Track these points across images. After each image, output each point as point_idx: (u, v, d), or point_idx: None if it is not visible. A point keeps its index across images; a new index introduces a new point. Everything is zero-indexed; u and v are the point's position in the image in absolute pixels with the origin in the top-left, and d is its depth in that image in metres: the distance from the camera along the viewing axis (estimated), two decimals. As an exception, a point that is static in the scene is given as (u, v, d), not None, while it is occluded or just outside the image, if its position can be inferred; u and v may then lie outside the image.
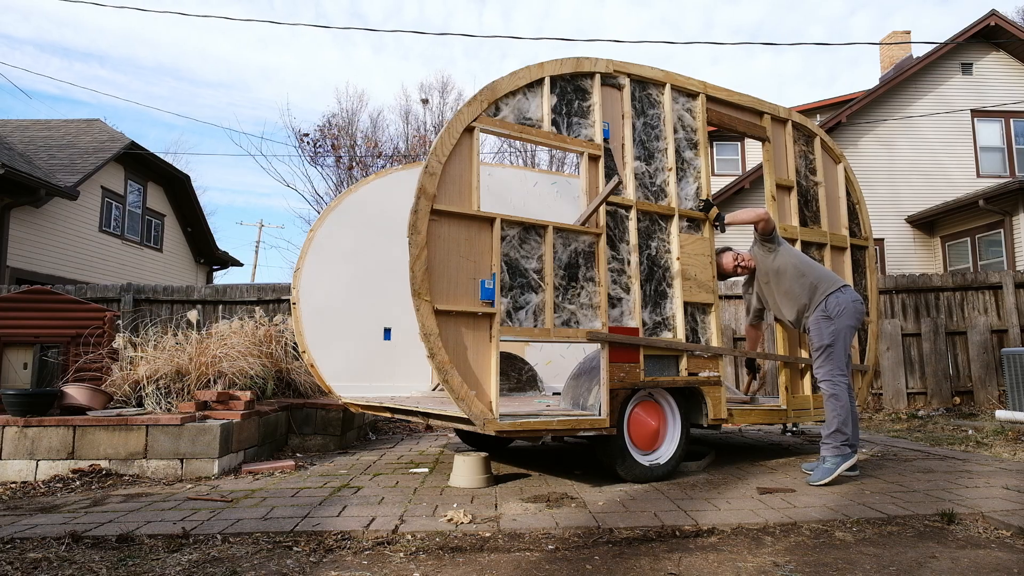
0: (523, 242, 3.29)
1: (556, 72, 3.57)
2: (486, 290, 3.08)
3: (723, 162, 15.90)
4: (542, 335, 3.24)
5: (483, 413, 2.92)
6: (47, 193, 11.07)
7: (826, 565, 2.38)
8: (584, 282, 3.44)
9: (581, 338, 3.35)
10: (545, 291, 3.28)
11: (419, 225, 2.92)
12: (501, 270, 3.17)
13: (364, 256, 4.87)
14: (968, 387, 7.67)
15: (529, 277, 3.26)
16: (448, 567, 2.39)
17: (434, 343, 2.86)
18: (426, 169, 3.00)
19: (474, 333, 3.05)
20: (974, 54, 13.50)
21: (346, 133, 21.53)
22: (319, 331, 4.51)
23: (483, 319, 3.07)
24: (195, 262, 18.05)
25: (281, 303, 7.82)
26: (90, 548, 2.62)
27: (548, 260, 3.31)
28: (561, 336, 3.27)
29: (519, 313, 3.18)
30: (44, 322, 5.28)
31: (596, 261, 3.51)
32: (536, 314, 3.24)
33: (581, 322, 3.37)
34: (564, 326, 3.30)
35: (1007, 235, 11.40)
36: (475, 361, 3.03)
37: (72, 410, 4.19)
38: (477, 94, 3.23)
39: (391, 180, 5.14)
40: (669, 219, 3.93)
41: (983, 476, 3.84)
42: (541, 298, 3.26)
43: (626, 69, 3.89)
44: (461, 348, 2.98)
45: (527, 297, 3.23)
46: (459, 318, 2.99)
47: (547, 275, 3.30)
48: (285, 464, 4.34)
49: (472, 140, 3.20)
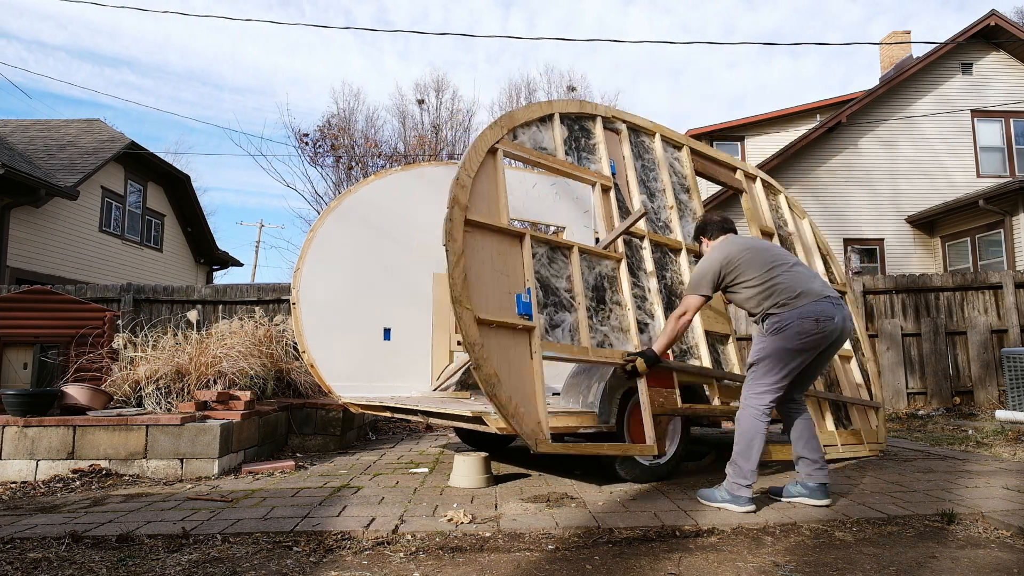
0: (551, 261, 3.27)
1: (564, 110, 3.81)
2: (523, 304, 2.98)
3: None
4: (580, 354, 3.17)
5: (534, 432, 2.79)
6: (47, 193, 11.07)
7: (826, 565, 2.38)
8: (612, 305, 3.43)
9: (618, 359, 3.29)
10: (578, 310, 3.24)
11: (455, 233, 2.86)
12: (535, 286, 3.13)
13: (364, 256, 4.87)
14: (968, 387, 7.67)
15: (561, 296, 3.21)
16: (448, 567, 2.39)
17: (479, 353, 2.72)
18: (457, 181, 3.00)
19: (515, 347, 2.93)
20: (974, 54, 13.50)
21: (345, 133, 21.53)
22: (319, 331, 4.51)
23: (522, 333, 2.96)
24: (195, 262, 18.05)
25: (281, 303, 7.82)
26: (90, 548, 2.62)
27: (577, 280, 3.29)
28: (599, 356, 3.21)
29: (555, 331, 3.11)
30: (44, 322, 5.28)
31: (619, 285, 3.54)
32: (572, 333, 3.17)
33: (614, 344, 3.32)
34: (599, 347, 3.25)
35: (1007, 235, 11.40)
36: (519, 376, 2.88)
37: (72, 410, 4.19)
38: (497, 120, 3.38)
39: (391, 180, 5.14)
40: (678, 252, 4.03)
41: (983, 476, 3.84)
42: (575, 317, 3.21)
43: (622, 116, 4.22)
44: (505, 361, 2.84)
45: (561, 316, 3.16)
46: (500, 330, 2.87)
47: (578, 295, 3.26)
48: (285, 464, 4.34)
49: (496, 160, 3.28)
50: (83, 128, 15.26)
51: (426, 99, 22.71)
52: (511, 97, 23.27)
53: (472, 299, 2.80)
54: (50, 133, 14.73)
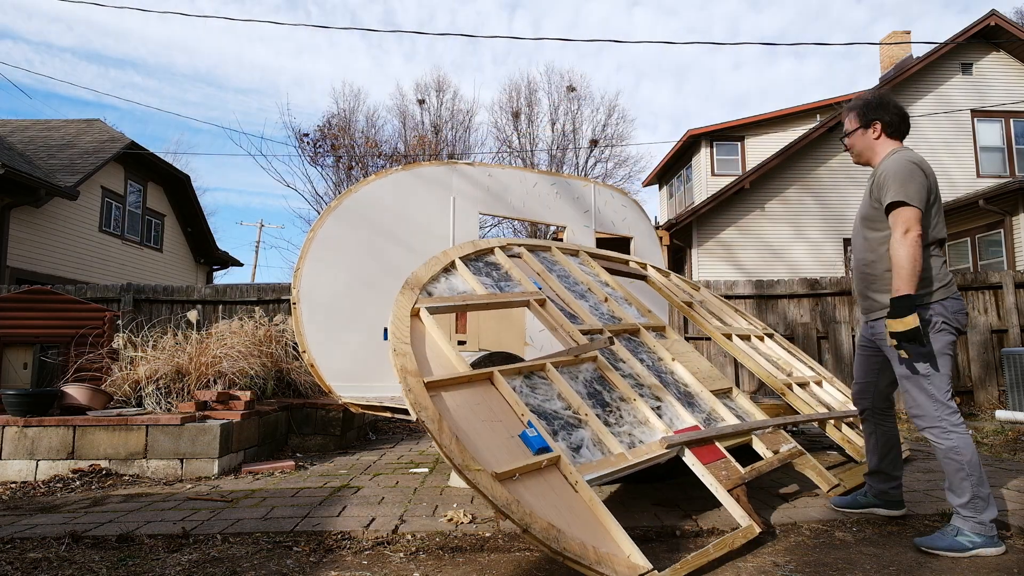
0: (533, 388, 3.05)
1: (462, 254, 3.82)
2: (532, 439, 2.65)
3: (723, 162, 15.90)
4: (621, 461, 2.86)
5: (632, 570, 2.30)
6: (47, 193, 11.08)
7: (826, 565, 2.38)
8: (617, 403, 3.20)
9: (661, 450, 2.97)
10: (589, 422, 2.97)
11: (422, 400, 2.57)
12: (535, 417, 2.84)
13: (364, 256, 4.87)
14: (968, 387, 7.67)
15: (564, 416, 2.96)
16: (448, 567, 2.39)
17: (519, 512, 2.29)
18: (395, 352, 2.81)
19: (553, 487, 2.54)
20: (974, 54, 13.51)
21: (346, 133, 21.53)
22: (319, 331, 4.51)
23: (551, 470, 2.62)
24: (195, 262, 18.05)
25: (281, 303, 7.82)
26: (90, 548, 2.62)
27: (569, 394, 3.06)
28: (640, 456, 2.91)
29: (582, 452, 2.81)
30: (44, 322, 5.28)
31: (611, 383, 3.34)
32: (598, 446, 2.89)
33: (644, 438, 3.05)
34: (633, 448, 2.97)
35: (1007, 235, 11.40)
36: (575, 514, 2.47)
37: (72, 410, 4.19)
38: (402, 288, 3.30)
39: (391, 180, 5.14)
40: (638, 333, 4.01)
41: (983, 476, 3.84)
42: (591, 430, 2.95)
43: (516, 241, 4.35)
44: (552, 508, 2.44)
45: (578, 434, 2.89)
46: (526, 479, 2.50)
47: (579, 407, 3.01)
48: (285, 464, 4.34)
49: (422, 320, 3.16)
50: (83, 128, 15.26)
51: (427, 99, 22.73)
52: (511, 97, 23.30)
53: (479, 458, 2.46)
54: (50, 133, 14.73)
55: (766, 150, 14.77)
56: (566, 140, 22.79)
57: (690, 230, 13.61)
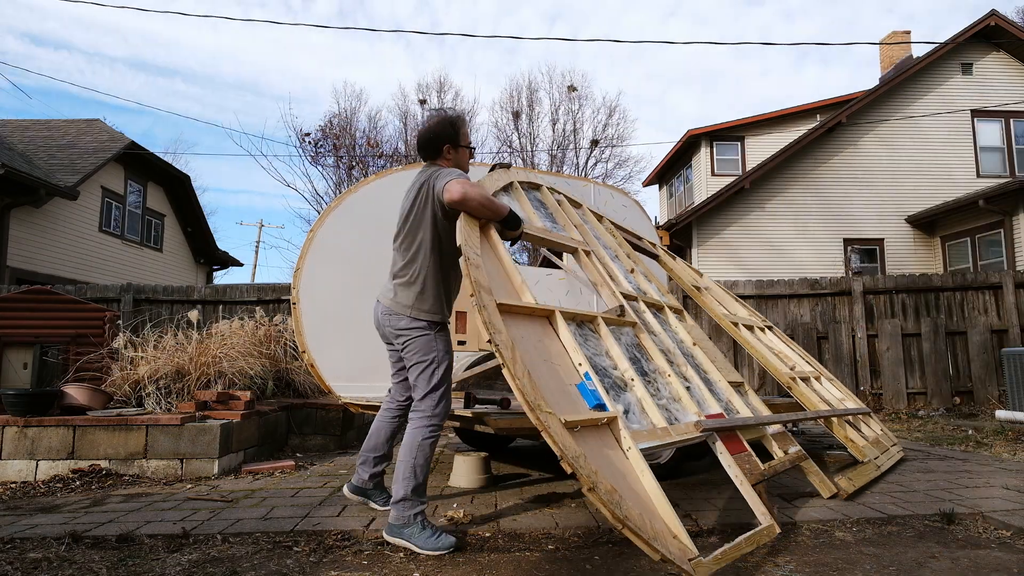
0: (585, 339, 2.82)
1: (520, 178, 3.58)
2: (590, 393, 2.45)
3: (723, 162, 15.90)
4: (663, 437, 2.63)
5: (683, 553, 2.14)
6: (47, 193, 11.07)
7: (826, 565, 2.38)
8: (653, 375, 3.00)
9: (695, 433, 2.79)
10: (634, 388, 2.77)
11: (495, 322, 2.31)
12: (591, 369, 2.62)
13: (365, 256, 4.86)
14: (968, 387, 7.67)
15: (612, 376, 2.75)
16: (448, 567, 2.39)
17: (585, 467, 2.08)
18: (469, 262, 2.51)
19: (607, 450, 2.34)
20: (974, 54, 13.50)
21: (347, 133, 21.54)
22: (319, 331, 4.51)
23: (605, 429, 2.40)
24: (195, 262, 18.05)
25: (281, 303, 7.82)
26: (90, 548, 2.62)
27: (617, 353, 2.87)
28: (679, 434, 2.68)
29: (630, 416, 2.59)
30: (44, 322, 5.28)
31: (648, 352, 3.13)
32: (641, 415, 2.67)
33: (679, 416, 2.85)
34: (672, 424, 2.74)
35: (1007, 235, 11.40)
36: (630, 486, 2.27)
37: (72, 410, 4.19)
38: None
39: (392, 180, 5.13)
40: (662, 311, 3.74)
41: (983, 476, 3.84)
42: (635, 397, 2.74)
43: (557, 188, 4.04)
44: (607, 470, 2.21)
45: (625, 398, 2.67)
46: (585, 432, 2.28)
47: (625, 370, 2.82)
48: (285, 464, 4.34)
49: (491, 235, 2.84)
50: (83, 128, 15.26)
51: (428, 99, 22.72)
52: (512, 97, 23.29)
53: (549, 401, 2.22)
54: (50, 133, 14.73)
55: (766, 150, 14.76)
56: (567, 140, 22.79)
57: (690, 230, 13.61)
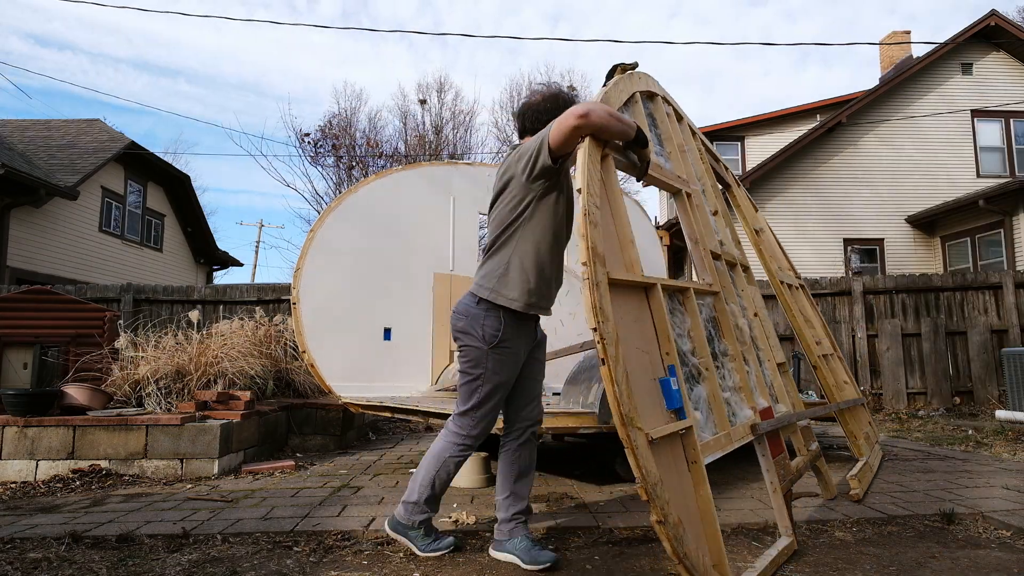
0: (672, 315, 2.35)
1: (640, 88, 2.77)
2: (672, 392, 2.07)
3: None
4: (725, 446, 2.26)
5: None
6: (47, 193, 11.08)
7: (826, 565, 2.38)
8: (721, 359, 2.58)
9: (748, 438, 2.46)
10: (707, 380, 2.37)
11: (605, 305, 1.89)
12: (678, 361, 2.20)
13: (364, 256, 4.87)
14: (968, 387, 7.67)
15: (689, 363, 2.34)
16: (448, 567, 2.39)
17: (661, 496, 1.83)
18: (587, 217, 1.95)
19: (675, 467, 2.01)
20: (974, 54, 13.50)
21: (347, 133, 21.54)
22: (319, 331, 4.51)
23: (677, 440, 2.06)
24: (195, 262, 18.05)
25: (281, 303, 7.82)
26: (90, 548, 2.62)
27: (699, 337, 2.42)
28: (735, 441, 2.34)
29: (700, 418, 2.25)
30: (44, 322, 5.28)
31: (720, 328, 2.68)
32: (711, 415, 2.33)
33: (736, 412, 2.50)
34: (731, 421, 2.39)
35: (1007, 235, 11.40)
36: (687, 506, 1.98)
37: (72, 410, 4.19)
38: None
39: (392, 180, 5.14)
40: (735, 269, 3.20)
41: (983, 476, 3.84)
42: (706, 392, 2.35)
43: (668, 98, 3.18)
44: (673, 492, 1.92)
45: (696, 392, 2.29)
46: (662, 446, 1.96)
47: (703, 357, 2.40)
48: (285, 464, 4.34)
49: (609, 172, 2.21)
50: (83, 128, 15.26)
51: (428, 99, 22.72)
52: (512, 97, 23.29)
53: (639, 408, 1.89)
54: (50, 133, 14.73)
55: (766, 150, 14.76)
56: (567, 140, 22.78)
57: (690, 230, 13.61)
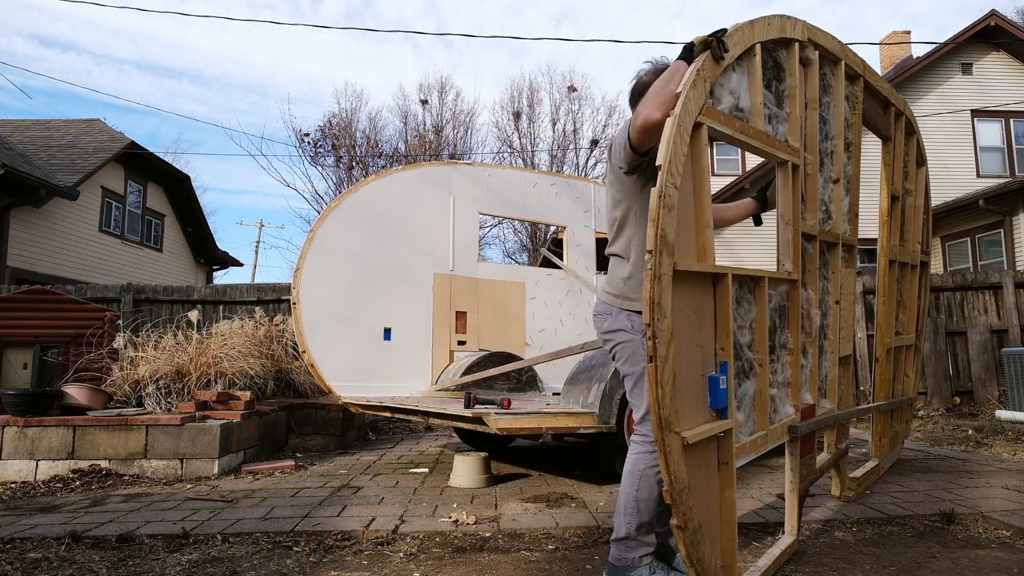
0: (739, 305, 2.19)
1: (764, 37, 2.33)
2: (718, 392, 1.92)
3: (723, 162, 15.88)
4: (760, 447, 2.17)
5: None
6: (47, 193, 11.07)
7: (826, 565, 2.38)
8: (779, 351, 2.44)
9: (783, 438, 2.39)
10: (758, 376, 2.23)
11: (664, 301, 1.72)
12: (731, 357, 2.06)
13: (364, 256, 4.87)
14: (968, 387, 7.67)
15: (744, 357, 2.19)
16: (448, 567, 2.39)
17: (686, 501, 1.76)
18: (662, 199, 1.73)
19: (704, 469, 1.91)
20: (974, 54, 13.50)
21: (347, 133, 21.54)
22: (319, 331, 4.51)
23: (713, 442, 1.94)
24: (195, 262, 18.04)
25: (281, 303, 7.82)
26: (90, 548, 2.62)
27: (761, 329, 2.26)
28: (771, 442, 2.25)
29: (741, 417, 2.13)
30: (44, 322, 5.28)
31: (788, 319, 2.49)
32: (752, 415, 2.20)
33: (778, 408, 2.38)
34: (771, 419, 2.29)
35: (1007, 235, 11.40)
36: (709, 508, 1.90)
37: (72, 410, 4.19)
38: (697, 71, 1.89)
39: (392, 180, 5.14)
40: (833, 249, 2.91)
41: (983, 476, 3.84)
42: (753, 389, 2.21)
43: (816, 38, 2.71)
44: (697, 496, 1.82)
45: (743, 389, 2.17)
46: (696, 449, 1.84)
47: (759, 352, 2.26)
48: (285, 464, 4.34)
49: (700, 145, 1.92)
50: (83, 128, 15.26)
51: (429, 99, 22.72)
52: (513, 97, 23.30)
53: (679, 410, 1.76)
54: (50, 133, 14.73)
55: (766, 150, 14.74)
56: (567, 140, 22.80)
57: (690, 230, 13.59)
